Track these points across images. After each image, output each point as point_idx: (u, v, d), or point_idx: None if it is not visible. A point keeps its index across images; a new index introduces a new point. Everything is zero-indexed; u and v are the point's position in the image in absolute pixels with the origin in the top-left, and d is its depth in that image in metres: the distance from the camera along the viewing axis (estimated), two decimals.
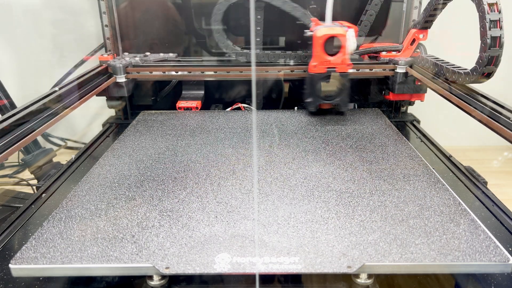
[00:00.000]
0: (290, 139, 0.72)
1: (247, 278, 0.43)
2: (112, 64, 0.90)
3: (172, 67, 0.91)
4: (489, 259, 0.40)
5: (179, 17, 0.98)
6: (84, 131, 1.31)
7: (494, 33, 0.61)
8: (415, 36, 0.87)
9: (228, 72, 0.90)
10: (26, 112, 0.62)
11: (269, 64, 0.90)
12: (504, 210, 0.56)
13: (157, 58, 0.95)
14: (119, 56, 0.98)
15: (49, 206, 0.59)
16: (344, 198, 0.52)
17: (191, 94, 0.98)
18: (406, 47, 0.90)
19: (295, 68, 0.90)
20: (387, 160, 0.63)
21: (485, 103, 0.63)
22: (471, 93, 0.68)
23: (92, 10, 1.07)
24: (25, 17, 1.15)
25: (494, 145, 1.34)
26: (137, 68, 0.91)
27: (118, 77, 0.90)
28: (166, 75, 0.91)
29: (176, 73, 0.91)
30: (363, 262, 0.40)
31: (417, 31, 0.87)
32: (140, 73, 0.91)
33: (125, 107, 0.99)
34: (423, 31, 0.86)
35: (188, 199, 0.52)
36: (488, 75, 0.65)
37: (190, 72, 0.90)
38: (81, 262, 0.41)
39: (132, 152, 0.68)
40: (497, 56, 0.62)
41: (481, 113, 0.62)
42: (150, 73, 0.91)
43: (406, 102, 0.97)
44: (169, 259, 0.41)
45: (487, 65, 0.63)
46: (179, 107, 0.91)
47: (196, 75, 0.91)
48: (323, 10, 0.81)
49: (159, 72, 0.91)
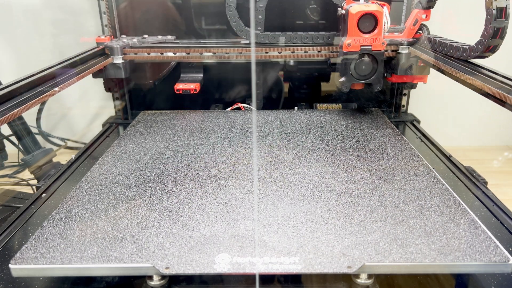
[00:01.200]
0: (290, 139, 0.72)
1: (247, 278, 0.43)
2: (109, 45, 0.88)
3: (170, 48, 0.89)
4: (489, 259, 0.40)
5: (179, 17, 0.98)
6: (84, 131, 1.31)
7: (500, 4, 0.59)
8: (418, 16, 0.84)
9: (228, 53, 0.88)
10: (16, 86, 0.61)
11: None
12: (504, 210, 0.56)
13: (155, 40, 0.94)
14: (116, 38, 0.97)
15: (49, 206, 0.59)
16: (344, 198, 0.52)
17: (189, 77, 0.96)
18: (409, 27, 0.87)
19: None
20: (387, 160, 0.63)
21: (494, 77, 0.60)
22: (478, 69, 0.65)
23: (92, 10, 1.07)
24: (25, 17, 1.15)
25: (494, 145, 1.34)
26: (135, 49, 0.89)
27: (115, 58, 0.88)
28: (164, 56, 0.89)
29: (174, 54, 0.89)
30: (363, 262, 0.40)
31: (419, 11, 0.84)
32: (137, 54, 0.89)
33: (125, 107, 0.99)
34: (426, 11, 0.83)
35: (188, 199, 0.52)
36: (493, 48, 0.62)
37: (188, 53, 0.89)
38: (81, 262, 0.41)
39: (132, 152, 0.68)
40: (503, 28, 0.59)
41: (492, 87, 0.58)
42: (148, 55, 0.89)
43: (409, 85, 0.95)
44: (169, 259, 0.41)
45: (492, 37, 0.60)
46: (177, 89, 0.90)
47: (195, 56, 0.89)
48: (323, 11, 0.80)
49: (157, 53, 0.89)
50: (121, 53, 0.89)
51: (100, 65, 0.84)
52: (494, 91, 0.58)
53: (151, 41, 0.94)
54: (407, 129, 0.92)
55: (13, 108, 0.58)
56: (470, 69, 0.66)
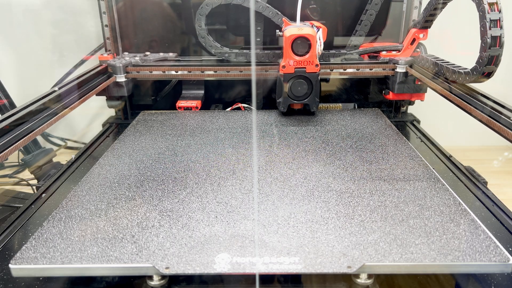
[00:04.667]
0: (290, 139, 0.72)
1: (247, 278, 0.43)
2: (112, 63, 0.90)
3: (172, 66, 0.91)
4: (489, 259, 0.40)
5: (177, 18, 0.98)
6: (84, 131, 1.31)
7: (494, 33, 0.61)
8: (415, 35, 0.87)
9: (228, 72, 0.90)
10: (25, 112, 0.62)
11: (269, 63, 0.90)
12: (504, 210, 0.56)
13: (156, 58, 0.95)
14: (118, 55, 0.98)
15: (49, 206, 0.59)
16: (344, 198, 0.52)
17: (191, 93, 0.98)
18: (406, 46, 0.90)
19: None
20: (387, 160, 0.63)
21: (485, 102, 0.63)
22: (472, 93, 0.67)
23: (92, 10, 1.07)
24: (25, 17, 1.15)
25: (494, 145, 1.34)
26: (137, 68, 0.91)
27: (118, 76, 0.90)
28: (166, 75, 0.91)
29: (176, 72, 0.91)
30: (363, 262, 0.40)
31: (417, 31, 0.87)
32: (140, 72, 0.91)
33: (125, 107, 0.99)
34: (423, 30, 0.86)
35: (188, 199, 0.52)
36: (488, 74, 0.64)
37: (190, 71, 0.90)
38: (81, 262, 0.41)
39: (132, 152, 0.68)
40: (497, 55, 0.62)
41: (481, 112, 0.62)
42: (150, 73, 0.91)
43: (406, 102, 0.97)
44: (169, 259, 0.41)
45: (487, 64, 0.63)
46: (178, 107, 0.91)
47: (196, 74, 0.90)
48: (322, 10, 0.81)
49: (159, 71, 0.91)
50: (123, 72, 0.90)
51: (104, 84, 0.86)
52: (486, 118, 0.62)
53: (153, 59, 0.95)
54: (407, 129, 0.92)
55: (27, 132, 0.61)
56: (466, 94, 0.68)
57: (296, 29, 0.77)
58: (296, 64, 0.79)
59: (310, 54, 0.77)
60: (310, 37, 0.76)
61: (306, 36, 0.76)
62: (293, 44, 0.77)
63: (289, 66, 0.79)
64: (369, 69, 0.91)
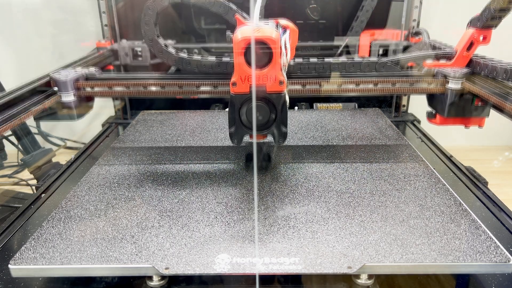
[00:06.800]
0: (290, 139, 0.72)
1: (247, 279, 0.43)
2: (55, 77, 0.64)
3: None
4: (489, 259, 0.40)
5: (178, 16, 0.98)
6: (84, 131, 1.31)
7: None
8: (474, 38, 0.64)
9: (216, 88, 0.65)
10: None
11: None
12: (505, 210, 0.56)
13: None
14: (117, 42, 0.97)
15: (49, 206, 0.59)
16: (344, 198, 0.52)
17: None
18: (461, 53, 0.66)
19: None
20: (388, 160, 0.63)
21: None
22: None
23: (92, 10, 1.07)
24: (25, 17, 1.15)
25: (495, 145, 1.34)
26: (90, 83, 0.65)
27: (63, 94, 0.64)
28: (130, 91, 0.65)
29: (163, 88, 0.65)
30: (364, 263, 0.40)
31: (475, 31, 0.64)
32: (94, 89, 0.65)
33: (125, 107, 0.98)
34: (484, 31, 0.63)
35: (188, 199, 0.52)
36: None
37: (181, 87, 0.65)
38: (81, 262, 0.40)
39: (132, 152, 0.68)
40: None
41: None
42: (110, 89, 0.65)
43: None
44: (168, 260, 0.41)
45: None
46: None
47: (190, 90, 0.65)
48: (322, 10, 0.80)
49: (122, 87, 0.65)
50: (72, 88, 0.63)
51: (38, 108, 0.61)
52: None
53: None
54: (408, 129, 0.92)
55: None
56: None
57: (252, 30, 0.51)
58: (252, 81, 0.52)
59: (271, 66, 0.51)
60: (270, 41, 0.49)
61: (264, 39, 0.49)
62: (247, 52, 0.50)
63: (242, 84, 0.52)
64: (409, 84, 0.65)
